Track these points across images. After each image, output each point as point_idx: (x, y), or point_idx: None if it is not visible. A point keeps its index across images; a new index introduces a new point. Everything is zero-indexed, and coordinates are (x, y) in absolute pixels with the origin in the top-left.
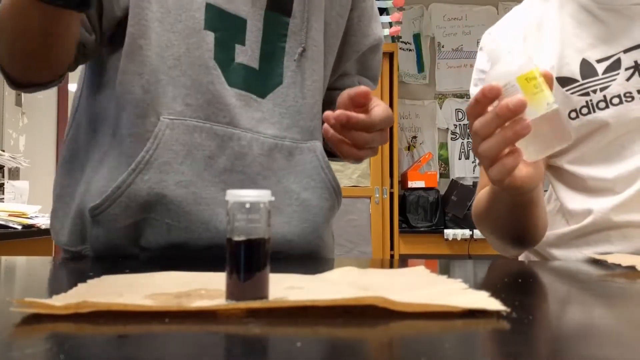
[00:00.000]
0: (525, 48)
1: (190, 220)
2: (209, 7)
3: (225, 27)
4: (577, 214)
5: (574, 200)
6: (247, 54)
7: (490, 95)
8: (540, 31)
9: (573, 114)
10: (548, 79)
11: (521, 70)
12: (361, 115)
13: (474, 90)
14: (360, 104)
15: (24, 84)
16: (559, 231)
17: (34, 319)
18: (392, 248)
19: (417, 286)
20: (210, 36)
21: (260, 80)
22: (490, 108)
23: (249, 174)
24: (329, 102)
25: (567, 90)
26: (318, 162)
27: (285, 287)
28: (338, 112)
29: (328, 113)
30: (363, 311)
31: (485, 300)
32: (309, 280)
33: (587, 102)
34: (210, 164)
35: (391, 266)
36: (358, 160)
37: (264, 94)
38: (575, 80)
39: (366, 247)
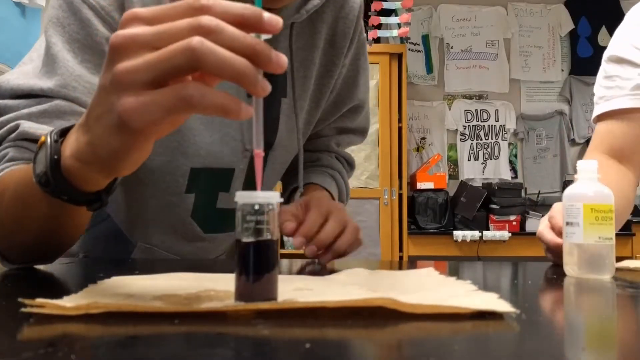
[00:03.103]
0: None
1: None
2: (194, 171)
3: (210, 184)
4: None
5: None
6: (228, 199)
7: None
8: None
9: None
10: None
11: (594, 199)
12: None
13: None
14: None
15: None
16: None
17: (45, 320)
18: (401, 249)
19: (426, 288)
20: (190, 198)
21: None
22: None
23: None
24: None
25: None
26: None
27: (294, 289)
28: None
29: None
30: (372, 313)
31: (494, 302)
32: (317, 282)
33: None
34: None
35: (400, 268)
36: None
37: None
38: None
39: (375, 249)
